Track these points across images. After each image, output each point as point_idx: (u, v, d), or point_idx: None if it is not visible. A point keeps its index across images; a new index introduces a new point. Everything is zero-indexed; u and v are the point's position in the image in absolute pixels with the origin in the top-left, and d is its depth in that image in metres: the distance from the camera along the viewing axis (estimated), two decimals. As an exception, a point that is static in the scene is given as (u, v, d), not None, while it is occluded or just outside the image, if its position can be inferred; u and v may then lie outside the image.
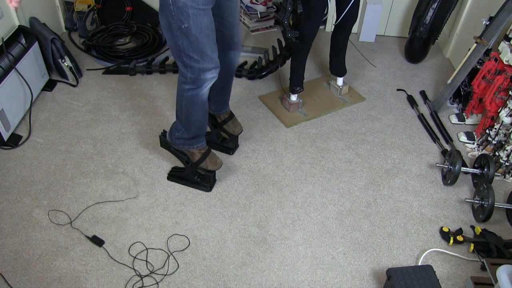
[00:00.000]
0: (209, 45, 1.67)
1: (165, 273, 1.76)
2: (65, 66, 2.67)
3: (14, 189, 2.06)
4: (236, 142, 2.32)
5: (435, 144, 2.46)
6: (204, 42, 1.64)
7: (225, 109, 2.20)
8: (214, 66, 1.74)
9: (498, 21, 2.35)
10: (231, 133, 2.21)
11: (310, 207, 2.07)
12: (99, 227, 1.92)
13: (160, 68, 2.87)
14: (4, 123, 2.26)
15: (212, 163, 2.03)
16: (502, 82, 2.22)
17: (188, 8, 1.57)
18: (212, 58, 1.71)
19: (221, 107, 2.19)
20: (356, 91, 2.81)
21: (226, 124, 2.22)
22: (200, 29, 1.61)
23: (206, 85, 1.77)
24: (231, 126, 2.22)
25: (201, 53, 1.66)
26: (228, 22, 1.83)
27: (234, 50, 1.95)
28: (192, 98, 1.80)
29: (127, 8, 3.30)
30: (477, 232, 1.95)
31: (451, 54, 3.17)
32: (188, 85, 1.77)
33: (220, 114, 2.21)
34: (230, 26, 1.85)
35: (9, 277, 1.71)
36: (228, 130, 2.22)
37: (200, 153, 2.01)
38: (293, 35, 2.28)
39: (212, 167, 2.03)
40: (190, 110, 1.85)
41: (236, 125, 2.23)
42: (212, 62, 1.72)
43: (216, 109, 2.19)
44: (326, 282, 1.77)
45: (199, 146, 2.00)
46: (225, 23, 1.82)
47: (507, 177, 2.24)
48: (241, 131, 2.24)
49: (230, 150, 2.29)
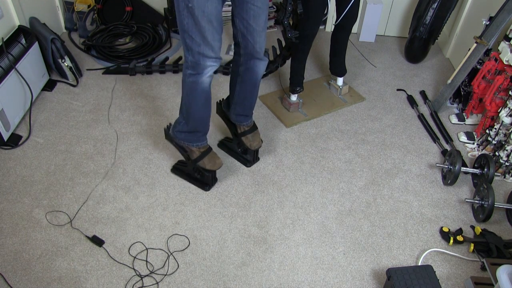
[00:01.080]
0: (211, 32, 1.67)
1: (165, 273, 1.76)
2: (65, 66, 2.67)
3: (14, 189, 2.06)
4: (256, 155, 2.26)
5: (435, 144, 2.46)
6: (205, 27, 1.65)
7: (246, 122, 2.14)
8: (214, 56, 1.74)
9: (498, 21, 2.35)
10: (248, 146, 2.14)
11: (310, 207, 2.07)
12: (99, 227, 1.92)
13: (160, 68, 2.87)
14: (4, 123, 2.27)
15: (211, 163, 2.02)
16: (502, 82, 2.22)
17: None
18: (213, 46, 1.71)
19: (241, 119, 2.13)
20: (356, 91, 2.81)
21: (245, 136, 2.15)
22: (202, 12, 1.61)
23: (206, 72, 1.77)
24: (249, 139, 2.14)
25: (202, 37, 1.67)
26: (251, 27, 1.79)
27: (256, 58, 1.90)
28: (192, 85, 1.81)
29: (127, 8, 3.30)
30: (477, 232, 1.95)
31: (451, 54, 3.17)
32: (189, 70, 1.78)
33: (242, 125, 2.15)
34: (253, 32, 1.80)
35: (9, 277, 1.71)
36: (246, 143, 2.15)
37: (199, 152, 2.00)
38: (293, 35, 2.28)
39: (210, 167, 2.02)
40: (190, 98, 1.85)
41: (255, 139, 2.15)
42: (212, 50, 1.72)
43: (236, 119, 2.14)
44: (326, 282, 1.77)
45: (199, 145, 2.00)
46: (249, 28, 1.79)
47: (507, 177, 2.24)
48: (259, 147, 2.16)
49: (248, 162, 2.24)
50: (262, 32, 1.82)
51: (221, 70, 2.90)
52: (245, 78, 1.97)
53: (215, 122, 2.49)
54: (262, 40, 1.84)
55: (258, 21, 1.78)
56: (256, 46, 1.85)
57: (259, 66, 1.93)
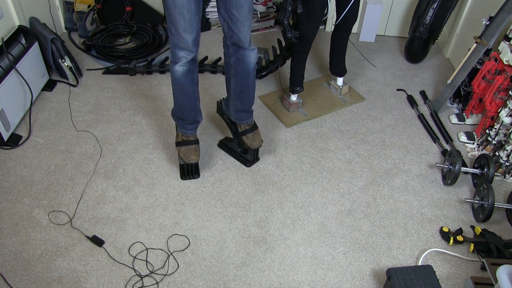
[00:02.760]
0: (182, 25, 1.73)
1: (165, 273, 1.76)
2: (65, 66, 2.67)
3: (14, 189, 2.06)
4: (256, 155, 2.25)
5: (435, 144, 2.46)
6: (177, 19, 1.71)
7: (246, 120, 2.14)
8: (186, 48, 1.81)
9: (498, 21, 2.35)
10: (248, 146, 2.13)
11: (310, 207, 2.07)
12: (99, 227, 1.92)
13: (160, 68, 2.87)
14: (4, 123, 2.27)
15: (185, 155, 2.06)
16: (502, 82, 2.22)
17: None
18: (184, 39, 1.78)
19: (242, 116, 2.12)
20: (356, 91, 2.81)
21: (245, 135, 2.14)
22: (174, 4, 1.68)
23: (180, 63, 1.85)
24: (249, 138, 2.13)
25: (175, 29, 1.75)
26: (235, 17, 1.79)
27: (243, 48, 1.90)
28: (172, 72, 1.91)
29: (127, 8, 3.30)
30: (477, 232, 1.95)
31: (451, 54, 3.17)
32: (171, 58, 1.89)
33: (242, 124, 2.15)
34: (237, 22, 1.81)
35: (9, 277, 1.71)
36: (246, 142, 2.14)
37: (181, 139, 2.08)
38: (293, 35, 2.28)
39: (182, 157, 2.07)
40: (172, 85, 1.96)
41: (256, 138, 2.14)
42: (184, 42, 1.79)
43: (237, 117, 2.13)
44: (326, 282, 1.77)
45: (183, 132, 2.08)
46: (233, 18, 1.80)
47: (507, 177, 2.24)
48: (259, 146, 2.15)
49: (248, 162, 2.23)
50: (246, 22, 1.83)
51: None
52: (237, 69, 1.97)
53: (216, 122, 2.50)
54: (246, 30, 1.85)
55: (241, 11, 1.79)
56: (241, 36, 1.85)
57: (249, 55, 1.93)
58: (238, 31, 1.84)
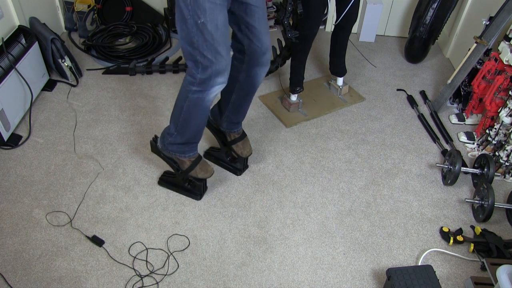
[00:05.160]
0: (224, 45, 1.60)
1: (165, 273, 1.76)
2: (65, 66, 2.67)
3: (14, 189, 2.06)
4: (245, 163, 2.22)
5: (435, 144, 2.46)
6: (220, 41, 1.57)
7: (236, 129, 2.10)
8: (226, 66, 1.65)
9: (498, 21, 2.35)
10: (239, 154, 2.11)
11: (310, 207, 2.07)
12: (99, 227, 1.92)
13: (160, 68, 2.87)
14: (4, 123, 2.27)
15: (203, 171, 1.96)
16: (502, 82, 2.22)
17: (205, 2, 1.50)
18: (226, 59, 1.63)
19: (232, 126, 2.09)
20: (356, 91, 2.81)
21: (235, 144, 2.11)
22: (216, 26, 1.54)
23: (214, 90, 1.69)
24: (240, 147, 2.10)
25: (216, 53, 1.59)
26: (255, 29, 1.72)
27: (261, 66, 1.83)
28: (197, 101, 1.72)
29: (127, 8, 3.30)
30: (477, 232, 1.95)
31: (451, 54, 3.17)
32: (195, 87, 1.68)
33: (232, 133, 2.11)
34: (258, 34, 1.73)
35: (9, 277, 1.71)
36: (237, 151, 2.11)
37: (190, 161, 1.94)
38: (293, 35, 2.28)
39: (202, 175, 1.96)
40: (191, 113, 1.77)
41: (246, 146, 2.11)
42: (225, 61, 1.63)
43: (227, 127, 2.09)
44: (326, 282, 1.77)
45: (190, 155, 1.94)
46: (253, 30, 1.72)
47: (507, 177, 2.24)
48: (249, 154, 2.12)
49: (237, 171, 2.19)
50: (267, 32, 1.77)
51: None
52: (244, 85, 1.91)
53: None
54: (268, 40, 1.79)
55: (261, 22, 1.73)
56: (263, 48, 1.78)
57: (261, 74, 1.87)
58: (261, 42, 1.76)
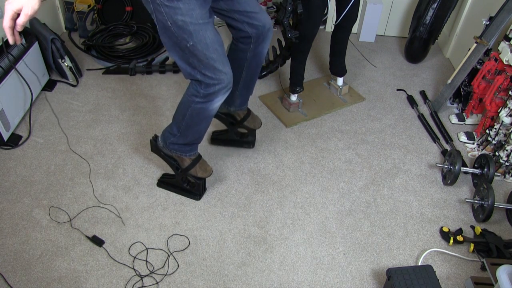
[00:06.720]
0: (220, 60, 1.61)
1: (165, 273, 1.76)
2: (65, 66, 2.67)
3: (14, 189, 2.06)
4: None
5: (435, 144, 2.46)
6: (214, 57, 1.59)
7: (245, 105, 2.19)
8: (228, 80, 1.67)
9: (498, 21, 2.35)
10: (252, 128, 2.24)
11: (310, 207, 2.07)
12: (99, 227, 1.92)
13: (160, 68, 2.87)
14: (4, 123, 2.27)
15: (202, 170, 1.98)
16: (502, 82, 2.22)
17: (188, 25, 1.52)
18: (226, 73, 1.65)
19: (244, 102, 2.16)
20: (356, 91, 2.81)
21: (246, 120, 2.22)
22: (206, 45, 1.56)
23: (218, 100, 1.72)
24: (251, 121, 2.23)
25: (213, 69, 1.61)
26: (249, 13, 1.75)
27: (266, 41, 1.87)
28: (200, 110, 1.75)
29: (127, 8, 3.30)
30: (477, 232, 1.95)
31: (451, 54, 3.17)
32: (198, 99, 1.71)
33: (240, 111, 2.19)
34: (254, 15, 1.76)
35: (9, 277, 1.71)
36: (249, 126, 2.23)
37: (190, 160, 1.96)
38: (293, 35, 2.28)
39: (201, 174, 1.98)
40: (194, 120, 1.80)
41: (255, 119, 2.25)
42: (226, 75, 1.65)
43: (240, 103, 2.15)
44: (326, 282, 1.77)
45: (191, 154, 1.96)
46: (248, 14, 1.75)
47: (507, 177, 2.24)
48: (261, 124, 2.27)
49: (250, 143, 2.32)
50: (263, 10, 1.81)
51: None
52: (252, 63, 1.96)
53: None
54: (267, 16, 1.82)
55: (253, 4, 1.76)
56: (266, 25, 1.81)
57: (266, 48, 1.93)
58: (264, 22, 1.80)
